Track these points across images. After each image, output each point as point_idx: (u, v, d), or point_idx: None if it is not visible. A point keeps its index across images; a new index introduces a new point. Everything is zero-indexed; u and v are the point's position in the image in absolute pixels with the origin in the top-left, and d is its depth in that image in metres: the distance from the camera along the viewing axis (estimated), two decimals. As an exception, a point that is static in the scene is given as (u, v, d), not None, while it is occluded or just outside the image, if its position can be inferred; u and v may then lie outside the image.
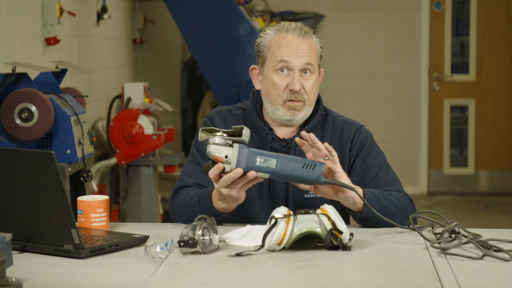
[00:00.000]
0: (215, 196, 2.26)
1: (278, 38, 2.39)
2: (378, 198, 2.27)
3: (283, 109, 2.37)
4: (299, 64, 2.35)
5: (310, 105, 2.40)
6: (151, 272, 1.85)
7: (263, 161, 2.12)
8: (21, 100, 3.30)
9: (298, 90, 2.34)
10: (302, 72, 2.37)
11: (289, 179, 2.15)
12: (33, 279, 1.79)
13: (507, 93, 7.31)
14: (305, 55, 2.36)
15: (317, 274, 1.86)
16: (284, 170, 2.12)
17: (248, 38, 5.23)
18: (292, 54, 2.35)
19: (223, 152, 2.11)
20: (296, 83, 2.34)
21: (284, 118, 2.38)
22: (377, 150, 2.45)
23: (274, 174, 2.13)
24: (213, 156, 2.11)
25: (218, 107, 2.53)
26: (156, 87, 6.68)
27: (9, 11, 3.90)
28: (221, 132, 2.12)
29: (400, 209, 2.31)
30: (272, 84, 2.38)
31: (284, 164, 2.12)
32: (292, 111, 2.37)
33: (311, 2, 7.26)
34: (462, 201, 7.13)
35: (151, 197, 4.81)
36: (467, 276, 1.82)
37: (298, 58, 2.35)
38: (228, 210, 2.28)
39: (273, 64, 2.38)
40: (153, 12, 6.90)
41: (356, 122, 2.50)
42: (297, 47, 2.36)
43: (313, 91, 2.39)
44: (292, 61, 2.35)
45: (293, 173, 2.12)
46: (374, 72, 7.32)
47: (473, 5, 7.24)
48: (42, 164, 1.92)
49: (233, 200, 2.22)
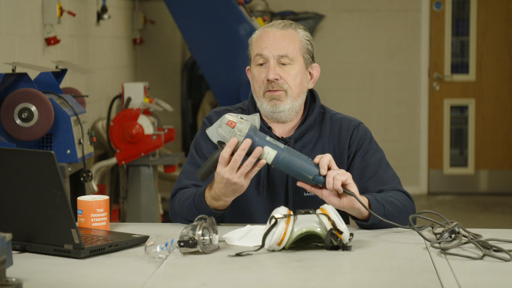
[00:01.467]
0: (209, 196, 2.27)
1: (258, 35, 2.44)
2: (382, 205, 2.27)
3: (265, 101, 2.40)
4: (272, 55, 2.38)
5: (295, 97, 2.40)
6: (151, 272, 1.85)
7: (272, 141, 2.18)
8: (21, 100, 3.30)
9: (271, 78, 2.36)
10: (280, 63, 2.38)
11: (292, 167, 2.17)
12: (33, 279, 1.79)
13: (507, 93, 7.31)
14: (279, 46, 2.38)
15: (317, 274, 1.86)
16: (292, 154, 2.16)
17: (248, 38, 5.20)
18: (266, 46, 2.39)
19: (233, 130, 2.14)
20: (270, 72, 2.37)
21: (268, 110, 2.40)
22: (376, 147, 2.45)
23: (280, 155, 2.15)
24: (228, 120, 2.15)
25: (216, 108, 2.54)
26: (156, 87, 6.68)
27: (9, 11, 3.90)
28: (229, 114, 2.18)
29: (403, 211, 2.32)
30: (254, 78, 2.42)
31: (291, 150, 2.17)
32: (273, 101, 2.38)
33: (311, 2, 7.26)
34: (462, 201, 7.13)
35: (151, 197, 4.81)
36: (467, 276, 1.82)
37: (271, 50, 2.38)
38: (224, 207, 2.29)
39: (254, 59, 2.43)
40: (153, 12, 6.90)
41: (355, 119, 2.50)
42: (272, 38, 2.40)
43: (296, 82, 2.40)
44: (266, 53, 2.38)
45: (299, 159, 2.16)
46: (374, 72, 7.32)
47: (473, 5, 7.24)
48: (42, 164, 1.92)
49: (236, 192, 2.21)
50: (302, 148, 2.39)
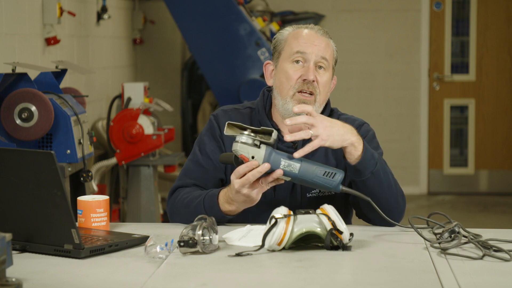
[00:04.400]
0: (222, 199, 2.26)
1: (296, 32, 2.41)
2: (376, 162, 2.25)
3: (293, 102, 2.35)
4: (315, 55, 2.36)
5: (321, 104, 2.38)
6: (151, 272, 1.85)
7: (287, 165, 2.14)
8: (21, 100, 3.30)
9: (311, 79, 2.33)
10: (317, 66, 2.36)
11: (309, 184, 2.18)
12: (33, 279, 1.79)
13: (507, 93, 7.31)
14: (321, 48, 2.37)
15: (317, 274, 1.86)
16: (306, 176, 2.15)
17: (248, 38, 5.22)
18: (309, 45, 2.36)
19: (251, 152, 2.12)
20: (310, 73, 2.34)
21: (293, 112, 2.31)
22: (376, 146, 2.44)
23: (295, 178, 2.16)
24: (240, 155, 2.12)
25: (224, 106, 2.51)
26: (156, 87, 6.68)
27: (9, 11, 3.90)
28: (249, 131, 2.13)
29: (392, 190, 2.29)
30: (285, 75, 2.36)
31: (306, 170, 2.14)
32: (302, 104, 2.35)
33: (311, 2, 7.26)
34: (462, 201, 7.13)
35: (151, 197, 4.81)
36: (467, 276, 1.82)
37: (314, 50, 2.36)
38: (235, 213, 2.28)
39: (289, 55, 2.37)
40: (153, 12, 6.90)
41: (360, 119, 2.50)
42: (314, 40, 2.38)
43: (326, 89, 2.38)
44: (309, 52, 2.36)
45: (313, 180, 2.15)
46: (374, 72, 7.32)
47: (473, 5, 7.24)
48: (42, 164, 1.92)
49: (247, 202, 2.21)
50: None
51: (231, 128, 2.15)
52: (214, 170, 2.41)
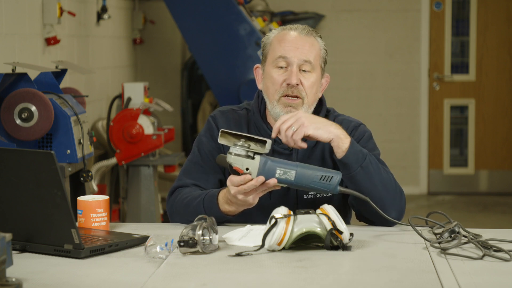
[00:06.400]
0: (222, 199, 2.26)
1: (280, 35, 2.40)
2: (365, 157, 2.24)
3: (279, 106, 2.36)
4: (298, 59, 2.35)
5: (310, 105, 2.38)
6: (151, 272, 1.85)
7: (283, 173, 2.14)
8: (21, 100, 3.30)
9: (294, 83, 2.33)
10: (301, 70, 2.36)
11: (306, 189, 2.19)
12: (33, 279, 1.79)
13: (507, 93, 7.31)
14: (304, 51, 2.36)
15: (317, 274, 1.86)
16: (302, 182, 2.16)
17: (248, 38, 5.22)
18: (291, 50, 2.36)
19: (245, 164, 2.12)
20: (293, 77, 2.34)
21: (280, 115, 2.34)
22: (373, 147, 2.43)
23: (291, 185, 2.16)
24: (234, 167, 2.12)
25: (222, 107, 2.52)
26: (156, 87, 6.68)
27: (9, 11, 3.90)
28: (242, 141, 2.12)
29: (387, 188, 2.27)
30: (271, 79, 2.37)
31: (302, 176, 2.15)
32: (289, 108, 2.35)
33: (311, 2, 7.26)
34: (462, 201, 7.13)
35: (151, 197, 4.81)
36: (467, 276, 1.82)
37: (297, 54, 2.35)
38: (234, 213, 2.28)
39: (273, 59, 2.38)
40: (153, 12, 6.90)
41: (356, 120, 2.49)
42: (297, 43, 2.36)
43: (313, 90, 2.38)
44: (291, 56, 2.35)
45: (310, 185, 2.16)
46: (374, 72, 7.32)
47: (473, 5, 7.24)
48: (42, 164, 1.92)
49: (245, 205, 2.21)
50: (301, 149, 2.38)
51: (224, 136, 2.14)
52: (213, 171, 2.42)
